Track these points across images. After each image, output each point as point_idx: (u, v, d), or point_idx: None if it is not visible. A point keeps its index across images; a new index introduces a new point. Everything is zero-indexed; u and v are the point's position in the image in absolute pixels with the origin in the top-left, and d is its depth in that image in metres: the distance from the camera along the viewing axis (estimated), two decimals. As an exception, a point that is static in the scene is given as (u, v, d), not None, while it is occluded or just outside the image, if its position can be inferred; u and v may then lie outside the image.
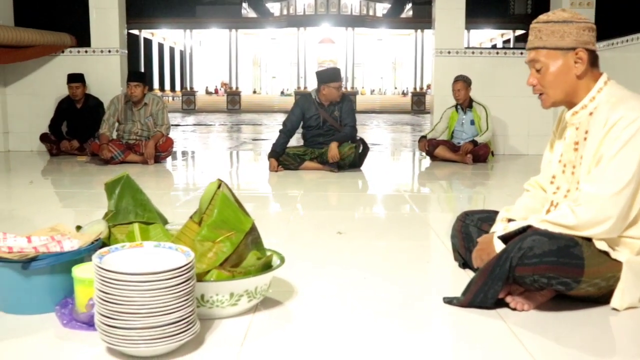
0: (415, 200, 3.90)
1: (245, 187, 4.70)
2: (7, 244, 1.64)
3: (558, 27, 1.69)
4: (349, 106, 5.12)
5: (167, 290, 1.31)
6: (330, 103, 5.05)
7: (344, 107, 5.07)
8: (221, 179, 1.71)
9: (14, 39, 6.27)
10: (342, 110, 5.05)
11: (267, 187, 4.53)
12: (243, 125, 17.54)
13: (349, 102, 5.16)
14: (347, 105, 5.09)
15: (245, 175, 5.61)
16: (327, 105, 5.06)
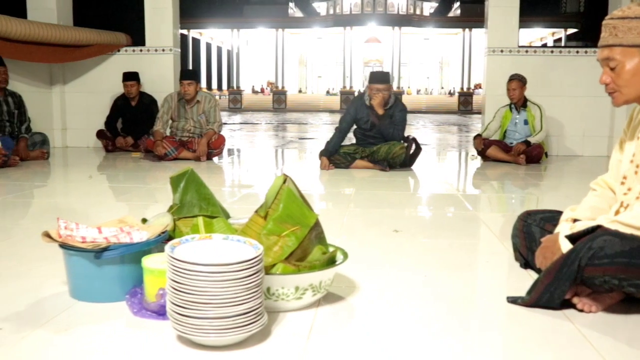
0: (469, 200, 3.86)
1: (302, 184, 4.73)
2: (81, 234, 1.69)
3: (636, 24, 1.64)
4: (402, 116, 5.03)
5: (237, 282, 1.34)
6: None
7: (397, 115, 4.99)
8: (287, 174, 1.73)
9: (73, 39, 6.47)
10: (393, 117, 4.99)
11: (319, 185, 4.55)
12: (289, 124, 17.65)
13: (402, 112, 5.05)
14: (400, 115, 5.01)
15: (296, 174, 5.64)
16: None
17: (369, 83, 5.03)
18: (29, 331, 1.49)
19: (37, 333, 1.48)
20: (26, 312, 1.63)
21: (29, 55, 6.11)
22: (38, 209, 3.58)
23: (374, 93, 4.95)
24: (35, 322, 1.55)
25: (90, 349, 1.40)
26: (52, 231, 1.68)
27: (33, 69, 6.50)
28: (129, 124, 6.42)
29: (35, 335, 1.47)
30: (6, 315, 1.59)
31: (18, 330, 1.49)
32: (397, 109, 5.02)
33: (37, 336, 1.47)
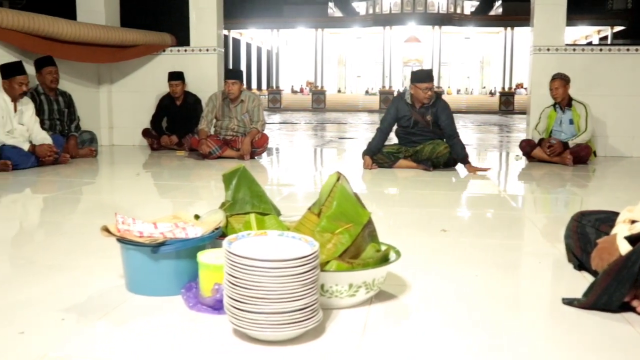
0: (516, 201, 3.81)
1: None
2: (138, 229, 1.73)
3: None
4: (447, 114, 4.98)
5: (295, 278, 1.35)
6: (422, 105, 4.99)
7: (441, 114, 4.95)
8: (340, 172, 1.74)
9: (120, 39, 6.62)
10: (437, 116, 4.96)
11: (363, 184, 4.54)
12: (328, 124, 17.68)
13: (446, 110, 5.00)
14: (444, 114, 4.96)
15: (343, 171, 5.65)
16: (418, 107, 5.01)
17: (412, 82, 4.98)
18: (90, 323, 1.53)
19: (97, 324, 1.52)
20: (86, 304, 1.67)
21: (78, 55, 6.27)
22: (87, 205, 3.67)
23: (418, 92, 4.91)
24: (95, 314, 1.59)
25: (149, 341, 1.43)
26: (111, 226, 1.72)
27: (82, 69, 6.67)
28: (173, 123, 6.52)
29: (96, 327, 1.51)
30: (67, 306, 1.64)
31: (79, 322, 1.54)
32: (439, 105, 4.99)
33: (98, 328, 1.51)
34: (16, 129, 4.94)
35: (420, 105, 4.98)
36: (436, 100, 5.01)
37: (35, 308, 1.64)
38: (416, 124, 4.99)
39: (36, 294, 1.77)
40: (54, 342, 1.41)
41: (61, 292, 1.79)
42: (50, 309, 1.62)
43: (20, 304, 1.68)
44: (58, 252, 2.32)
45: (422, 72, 5.13)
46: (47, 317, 1.56)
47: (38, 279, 1.92)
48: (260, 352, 1.37)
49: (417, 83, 4.93)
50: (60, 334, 1.46)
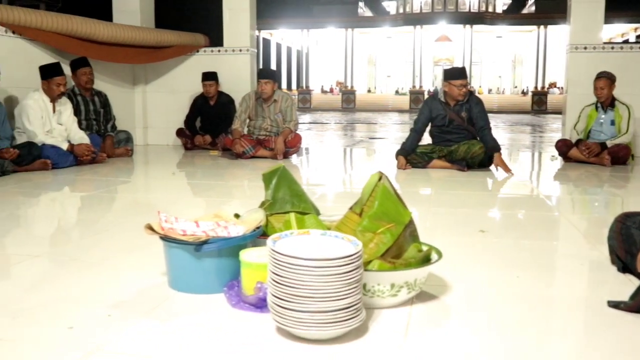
0: (553, 201, 3.75)
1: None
2: (181, 227, 1.75)
3: None
4: (480, 108, 4.98)
5: (339, 277, 1.35)
6: (456, 102, 4.96)
7: (474, 108, 4.95)
8: (382, 172, 1.73)
9: (154, 40, 6.70)
10: (471, 112, 4.94)
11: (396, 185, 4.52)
12: (358, 123, 17.65)
13: (479, 104, 5.00)
14: (477, 107, 4.96)
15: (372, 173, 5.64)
16: (453, 105, 4.98)
17: (447, 79, 4.97)
18: (135, 319, 1.56)
19: (142, 321, 1.55)
20: (130, 301, 1.70)
21: (114, 56, 6.36)
22: (124, 204, 3.72)
23: (453, 89, 4.88)
24: (140, 310, 1.62)
25: (193, 338, 1.44)
26: (154, 224, 1.75)
27: (118, 69, 6.77)
28: (207, 123, 6.58)
29: (141, 323, 1.53)
30: (112, 303, 1.67)
31: (125, 318, 1.56)
32: (472, 101, 4.97)
33: (143, 324, 1.53)
34: (55, 128, 5.04)
35: (455, 103, 4.96)
36: (469, 96, 4.99)
37: (82, 304, 1.67)
38: (451, 122, 4.97)
39: (82, 290, 1.81)
40: (102, 338, 1.43)
41: (106, 289, 1.82)
42: (96, 305, 1.65)
43: (67, 300, 1.72)
44: (99, 249, 2.36)
45: (456, 69, 5.12)
46: (94, 313, 1.59)
47: (82, 276, 1.96)
48: (304, 351, 1.37)
49: (452, 80, 4.92)
50: (107, 329, 1.49)
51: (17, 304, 1.70)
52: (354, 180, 4.98)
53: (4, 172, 4.35)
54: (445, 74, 5.09)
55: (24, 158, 4.59)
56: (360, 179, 4.97)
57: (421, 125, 5.09)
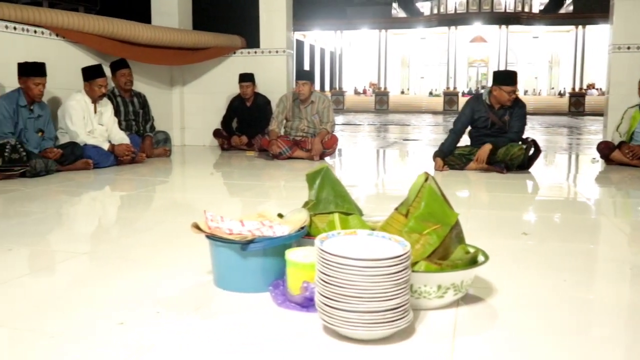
0: (596, 204, 3.68)
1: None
2: (227, 226, 1.77)
3: None
4: (521, 112, 4.90)
5: (388, 277, 1.35)
6: (501, 106, 4.89)
7: (515, 112, 4.88)
8: (428, 172, 1.72)
9: (192, 42, 6.79)
10: (512, 115, 4.87)
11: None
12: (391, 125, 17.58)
13: (522, 109, 4.92)
14: (519, 111, 4.89)
15: (408, 174, 5.61)
16: (497, 109, 4.91)
17: (497, 83, 4.88)
18: (184, 316, 1.58)
19: (190, 318, 1.57)
20: (178, 299, 1.72)
21: (153, 58, 6.47)
22: (163, 203, 3.77)
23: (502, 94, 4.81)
24: (188, 308, 1.64)
25: (241, 336, 1.45)
26: (201, 223, 1.77)
27: (156, 71, 6.87)
28: (243, 124, 6.63)
29: (189, 321, 1.55)
30: (160, 300, 1.69)
31: (173, 315, 1.58)
32: (517, 105, 4.89)
33: (191, 321, 1.55)
34: (96, 129, 5.15)
35: (500, 107, 4.88)
36: (515, 101, 4.90)
37: (131, 301, 1.70)
38: (493, 125, 4.90)
39: (129, 287, 1.84)
40: (152, 334, 1.46)
41: (152, 286, 1.85)
42: (145, 302, 1.67)
43: (116, 296, 1.75)
44: (144, 248, 2.40)
45: (508, 73, 5.00)
46: (143, 310, 1.61)
47: (129, 274, 1.99)
48: (351, 351, 1.37)
49: (503, 85, 4.83)
50: (157, 326, 1.51)
51: (68, 300, 1.74)
52: (391, 181, 4.96)
53: (48, 172, 4.45)
54: (496, 78, 4.97)
55: (67, 158, 4.70)
56: (396, 181, 4.95)
57: (461, 126, 5.04)
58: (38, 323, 1.54)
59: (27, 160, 4.28)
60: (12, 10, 4.93)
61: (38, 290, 1.86)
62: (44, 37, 5.20)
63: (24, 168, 4.28)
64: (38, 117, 4.70)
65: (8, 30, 4.84)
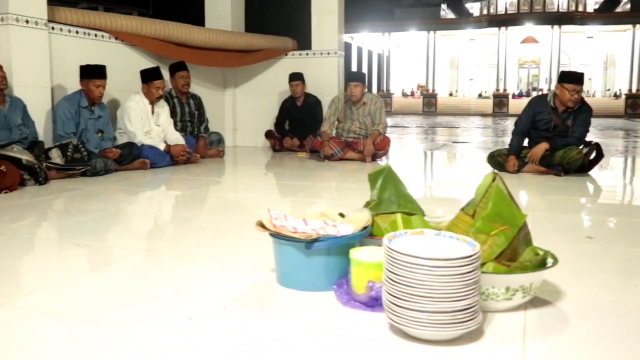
0: (661, 209, 3.55)
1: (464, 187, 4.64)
2: (292, 225, 1.78)
3: None
4: (585, 118, 4.75)
5: (458, 277, 1.33)
6: (565, 109, 4.76)
7: (580, 117, 4.72)
8: (496, 172, 1.70)
9: (245, 44, 6.87)
10: (575, 119, 4.72)
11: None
12: (439, 127, 17.39)
13: (586, 113, 4.76)
14: (583, 115, 4.73)
15: (460, 176, 5.55)
16: (561, 111, 4.77)
17: (560, 82, 4.77)
18: (250, 313, 1.59)
19: (256, 315, 1.58)
20: (243, 296, 1.74)
21: (206, 60, 6.57)
22: (218, 203, 3.82)
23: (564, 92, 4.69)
24: (253, 305, 1.66)
25: (307, 334, 1.46)
26: (265, 221, 1.78)
27: (209, 73, 6.98)
28: (295, 124, 6.67)
29: (255, 317, 1.57)
30: (226, 296, 1.72)
31: (240, 311, 1.60)
32: (583, 110, 4.75)
33: (257, 318, 1.56)
34: (153, 129, 5.26)
35: (564, 110, 4.75)
36: (581, 105, 4.76)
37: (198, 297, 1.73)
38: (554, 128, 4.77)
39: (195, 283, 1.87)
40: (220, 329, 1.48)
41: (217, 283, 1.87)
42: (211, 299, 1.70)
43: (183, 292, 1.78)
44: (203, 246, 2.43)
45: (574, 73, 4.85)
46: (210, 306, 1.64)
47: (193, 270, 2.02)
48: (419, 351, 1.36)
49: (565, 83, 4.69)
50: (224, 321, 1.53)
51: (137, 294, 1.78)
52: (443, 184, 4.90)
53: (107, 171, 4.58)
54: (560, 76, 4.87)
55: (125, 157, 4.82)
56: (448, 183, 4.90)
57: (522, 126, 4.90)
58: (110, 315, 1.58)
59: (88, 160, 4.41)
60: (75, 15, 5.09)
61: (107, 283, 1.91)
62: (103, 41, 5.35)
63: (85, 167, 4.41)
64: (98, 117, 4.83)
65: (71, 34, 5.00)
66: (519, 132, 4.92)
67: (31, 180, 3.98)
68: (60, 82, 4.88)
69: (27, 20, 4.47)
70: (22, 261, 2.30)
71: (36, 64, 4.59)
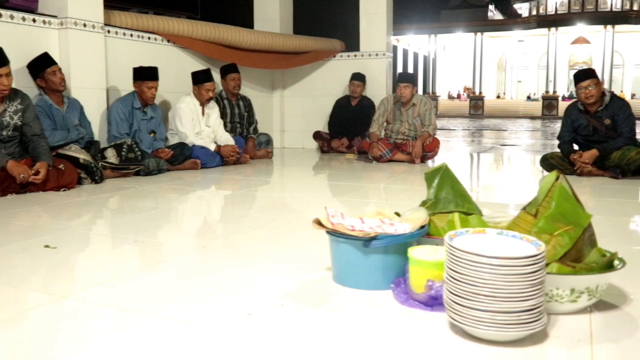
0: None
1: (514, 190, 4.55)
2: (349, 223, 1.77)
3: None
4: (625, 112, 4.60)
5: (523, 277, 1.30)
6: (596, 109, 4.61)
7: (619, 113, 4.58)
8: (559, 172, 1.65)
9: (293, 46, 6.91)
10: (615, 118, 4.58)
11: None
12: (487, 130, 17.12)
13: (623, 109, 4.61)
14: (622, 113, 4.58)
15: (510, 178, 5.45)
16: (593, 112, 4.65)
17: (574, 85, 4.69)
18: (308, 311, 1.59)
19: (314, 313, 1.58)
20: (300, 293, 1.74)
21: (255, 62, 6.64)
22: (267, 202, 3.84)
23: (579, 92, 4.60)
24: (310, 302, 1.66)
25: (366, 333, 1.45)
26: (322, 219, 1.78)
27: (258, 75, 7.05)
28: (345, 124, 6.67)
29: (313, 315, 1.57)
30: (283, 294, 1.72)
31: (298, 309, 1.60)
32: (615, 107, 4.60)
33: (315, 316, 1.56)
34: (203, 130, 5.34)
35: (595, 110, 4.62)
36: (611, 100, 4.63)
37: (256, 293, 1.74)
38: (595, 131, 4.64)
39: (252, 280, 1.89)
40: (279, 325, 1.48)
41: (274, 280, 1.88)
42: (269, 295, 1.71)
43: (241, 288, 1.80)
44: (258, 243, 2.45)
45: (580, 70, 4.76)
46: (268, 302, 1.65)
47: (250, 267, 2.04)
48: (481, 352, 1.33)
49: (577, 82, 4.64)
50: (282, 318, 1.53)
51: (196, 289, 1.80)
52: (494, 186, 4.82)
53: (160, 171, 4.67)
54: (574, 77, 4.79)
55: (177, 158, 4.91)
56: (497, 185, 4.81)
57: (566, 137, 4.81)
58: (171, 309, 1.60)
59: (141, 160, 4.51)
60: (129, 18, 5.21)
61: (164, 279, 1.94)
62: (156, 43, 5.46)
63: (139, 167, 4.51)
64: (150, 118, 4.93)
65: (125, 37, 5.13)
66: (566, 142, 4.83)
67: (88, 179, 4.09)
68: (114, 83, 5.01)
69: (85, 24, 4.60)
70: (82, 256, 2.36)
71: (93, 66, 4.71)
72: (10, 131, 3.77)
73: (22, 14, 4.28)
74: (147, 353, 1.33)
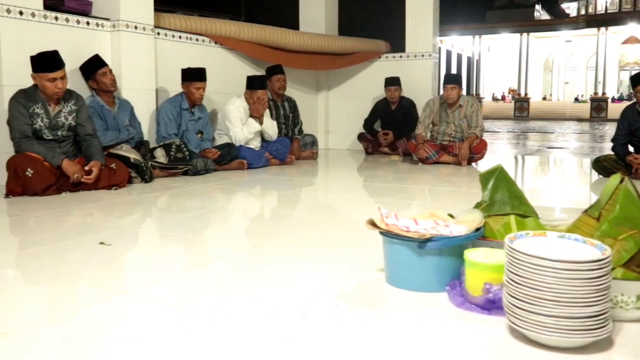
0: None
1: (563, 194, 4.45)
2: (403, 224, 1.75)
3: None
4: None
5: (588, 282, 1.26)
6: None
7: None
8: (622, 174, 1.60)
9: (339, 47, 6.91)
10: None
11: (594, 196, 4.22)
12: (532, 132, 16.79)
13: None
14: None
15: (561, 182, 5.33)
16: None
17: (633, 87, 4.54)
18: (361, 311, 1.58)
19: (368, 314, 1.57)
20: (353, 294, 1.73)
21: (301, 63, 6.66)
22: (313, 203, 3.84)
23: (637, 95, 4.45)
24: (364, 303, 1.64)
25: (421, 336, 1.43)
26: (377, 219, 1.77)
27: (302, 76, 7.07)
28: (387, 127, 6.63)
29: (367, 316, 1.55)
30: (337, 294, 1.71)
31: (352, 310, 1.59)
32: None
33: (370, 317, 1.55)
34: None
35: None
36: None
37: (309, 293, 1.74)
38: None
39: (304, 280, 1.88)
40: (333, 325, 1.47)
41: (327, 281, 1.87)
42: (323, 296, 1.70)
43: (294, 287, 1.80)
44: (307, 244, 2.45)
45: (638, 73, 4.62)
46: (322, 303, 1.64)
47: (301, 267, 2.04)
48: (543, 358, 1.30)
49: (634, 86, 4.51)
50: (337, 318, 1.53)
51: (248, 288, 1.81)
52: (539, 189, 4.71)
53: (207, 170, 4.72)
54: (631, 80, 4.66)
55: (224, 158, 4.96)
56: (545, 189, 4.70)
57: (621, 139, 4.68)
58: (223, 306, 1.61)
59: (189, 160, 4.57)
60: (178, 20, 5.29)
61: (216, 277, 1.96)
62: (204, 45, 5.53)
63: (187, 167, 4.57)
64: (198, 119, 5.00)
65: (174, 39, 5.21)
66: (620, 144, 4.69)
67: (138, 178, 4.17)
68: (163, 84, 5.09)
69: (136, 27, 4.69)
70: (134, 253, 2.41)
71: (143, 68, 4.80)
72: (65, 131, 3.87)
73: (76, 17, 4.39)
74: (201, 350, 1.34)
